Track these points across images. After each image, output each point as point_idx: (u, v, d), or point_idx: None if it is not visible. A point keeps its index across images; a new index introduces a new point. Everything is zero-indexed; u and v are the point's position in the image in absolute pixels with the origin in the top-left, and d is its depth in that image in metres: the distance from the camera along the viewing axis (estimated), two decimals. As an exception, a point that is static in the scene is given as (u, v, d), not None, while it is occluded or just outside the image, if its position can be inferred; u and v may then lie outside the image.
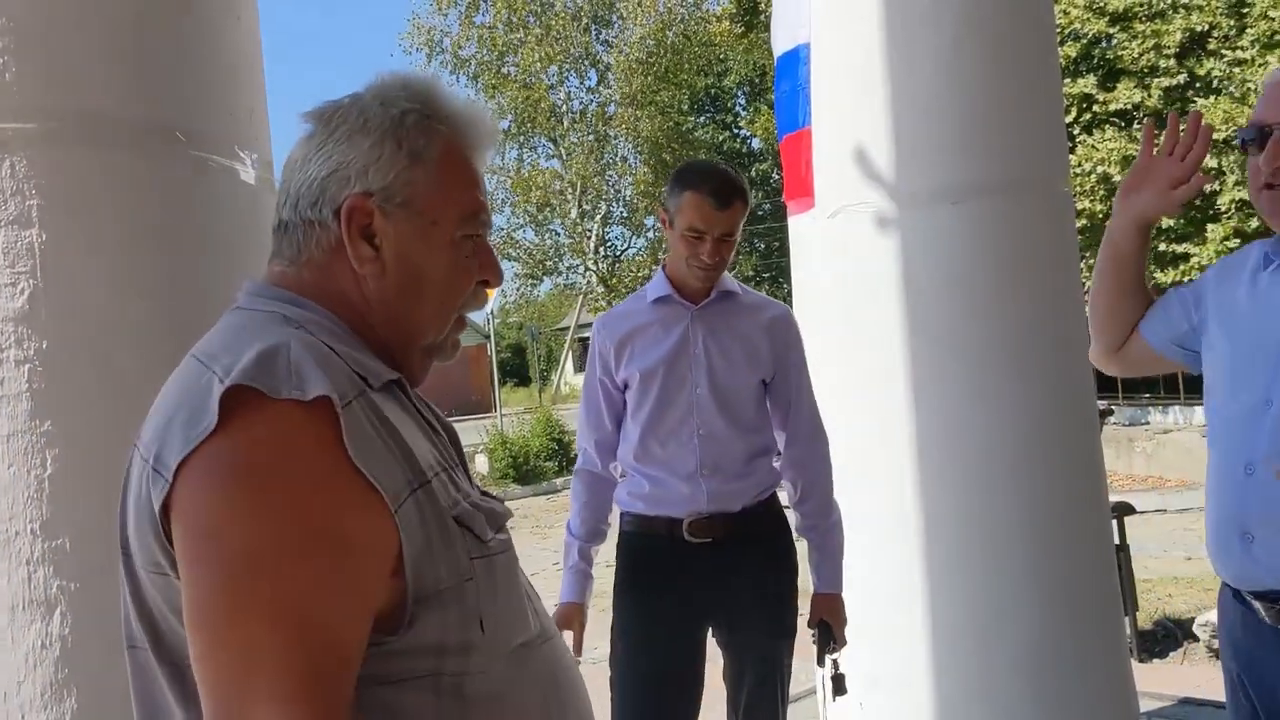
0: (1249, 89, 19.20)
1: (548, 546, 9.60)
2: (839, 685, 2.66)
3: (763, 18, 22.20)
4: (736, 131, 37.18)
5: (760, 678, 2.68)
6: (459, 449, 1.22)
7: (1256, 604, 1.81)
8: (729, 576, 2.65)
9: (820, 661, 2.69)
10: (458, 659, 1.04)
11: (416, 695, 1.03)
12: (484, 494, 1.18)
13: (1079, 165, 20.30)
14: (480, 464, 19.79)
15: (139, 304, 1.55)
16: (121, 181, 1.60)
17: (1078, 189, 20.41)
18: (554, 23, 25.91)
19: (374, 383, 1.06)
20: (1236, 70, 19.61)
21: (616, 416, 2.79)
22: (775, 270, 32.75)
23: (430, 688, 1.04)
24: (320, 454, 0.96)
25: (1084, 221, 20.84)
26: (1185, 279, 20.75)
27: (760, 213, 35.98)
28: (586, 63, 27.61)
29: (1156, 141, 2.02)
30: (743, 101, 37.27)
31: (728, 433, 2.65)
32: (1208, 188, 19.29)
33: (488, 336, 25.12)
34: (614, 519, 2.84)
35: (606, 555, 2.85)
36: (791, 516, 2.77)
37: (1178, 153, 1.97)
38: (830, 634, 2.69)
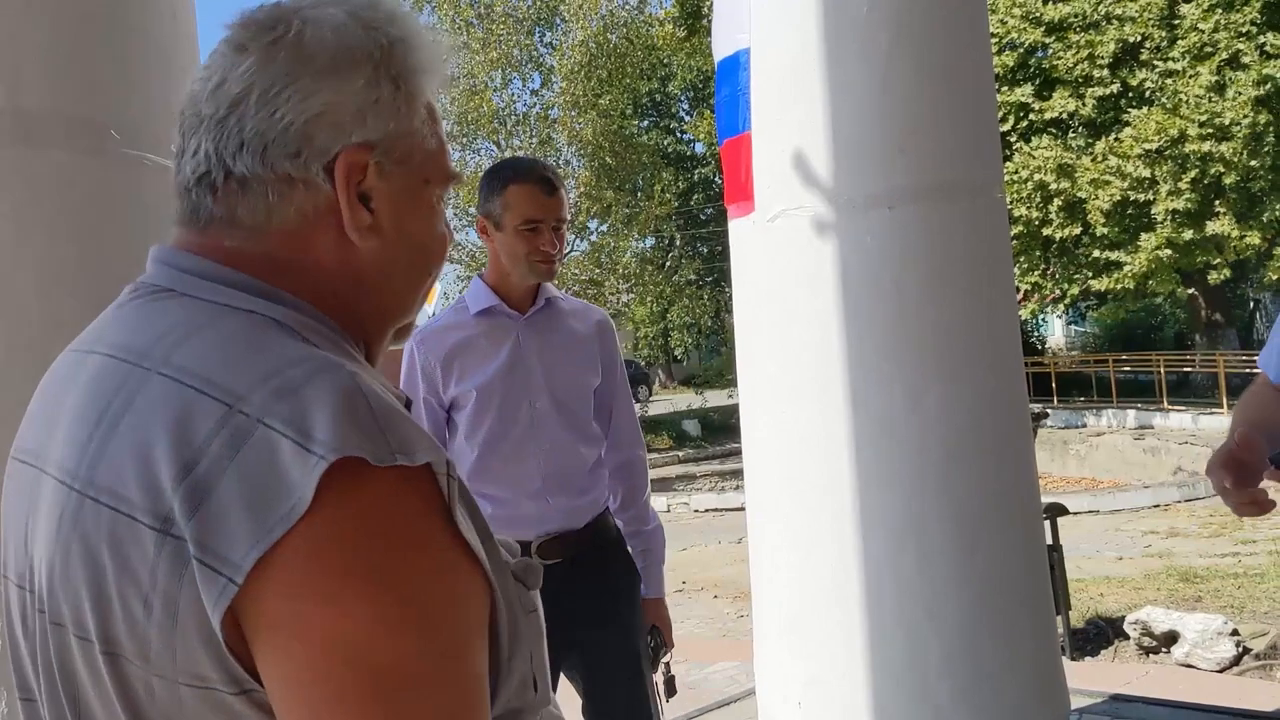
0: (1180, 99, 19.61)
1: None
2: (670, 687, 2.69)
3: (705, 22, 22.29)
4: (680, 135, 37.29)
5: (633, 697, 2.65)
6: None
7: None
8: (581, 598, 2.58)
9: (654, 666, 2.69)
10: None
11: None
12: None
13: (1016, 173, 20.63)
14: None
15: (70, 303, 1.53)
16: (54, 179, 1.57)
17: (1015, 196, 20.73)
18: (496, 27, 25.79)
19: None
20: (1168, 81, 20.02)
21: (441, 438, 2.66)
22: (717, 274, 32.89)
23: None
24: (440, 533, 0.78)
25: (1020, 228, 21.21)
26: (1118, 286, 21.15)
27: (703, 217, 36.11)
28: (530, 66, 27.54)
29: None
30: (686, 106, 37.39)
31: (570, 445, 2.58)
32: (1141, 196, 19.70)
33: (429, 339, 24.97)
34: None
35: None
36: None
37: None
38: (659, 638, 2.69)
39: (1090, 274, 21.90)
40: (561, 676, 2.69)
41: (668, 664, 2.70)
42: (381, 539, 0.75)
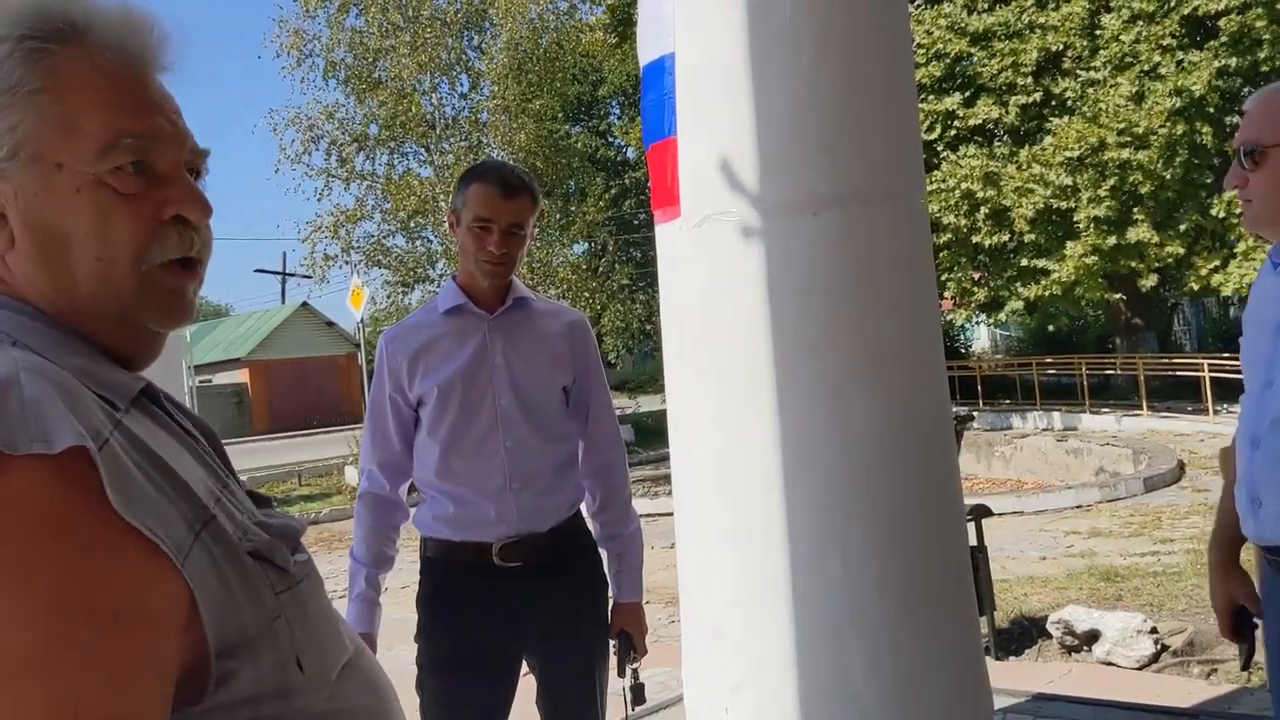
0: (1100, 109, 20.04)
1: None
2: (638, 695, 2.68)
3: (635, 29, 22.30)
4: (611, 140, 37.32)
5: (581, 704, 2.66)
6: (222, 452, 1.02)
7: (1268, 557, 2.20)
8: (542, 602, 2.59)
9: (621, 672, 2.69)
10: (275, 704, 0.90)
11: None
12: (265, 508, 1.00)
13: (944, 180, 20.94)
14: (349, 475, 19.43)
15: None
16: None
17: (943, 204, 21.03)
18: (423, 30, 25.56)
19: (121, 403, 0.88)
20: (1090, 90, 20.44)
21: (407, 436, 2.66)
22: (650, 279, 32.96)
23: None
24: (82, 518, 0.78)
25: (949, 235, 21.54)
26: (1046, 294, 21.54)
27: (636, 221, 36.19)
28: (459, 69, 27.35)
29: None
30: (617, 111, 37.45)
31: (536, 443, 2.59)
32: (1064, 204, 20.07)
33: (358, 345, 24.69)
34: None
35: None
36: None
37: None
38: (631, 643, 2.69)
39: (1019, 283, 22.27)
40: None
41: (636, 670, 2.69)
42: (12, 527, 0.75)
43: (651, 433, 24.24)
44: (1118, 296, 23.02)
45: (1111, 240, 20.22)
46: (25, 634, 0.74)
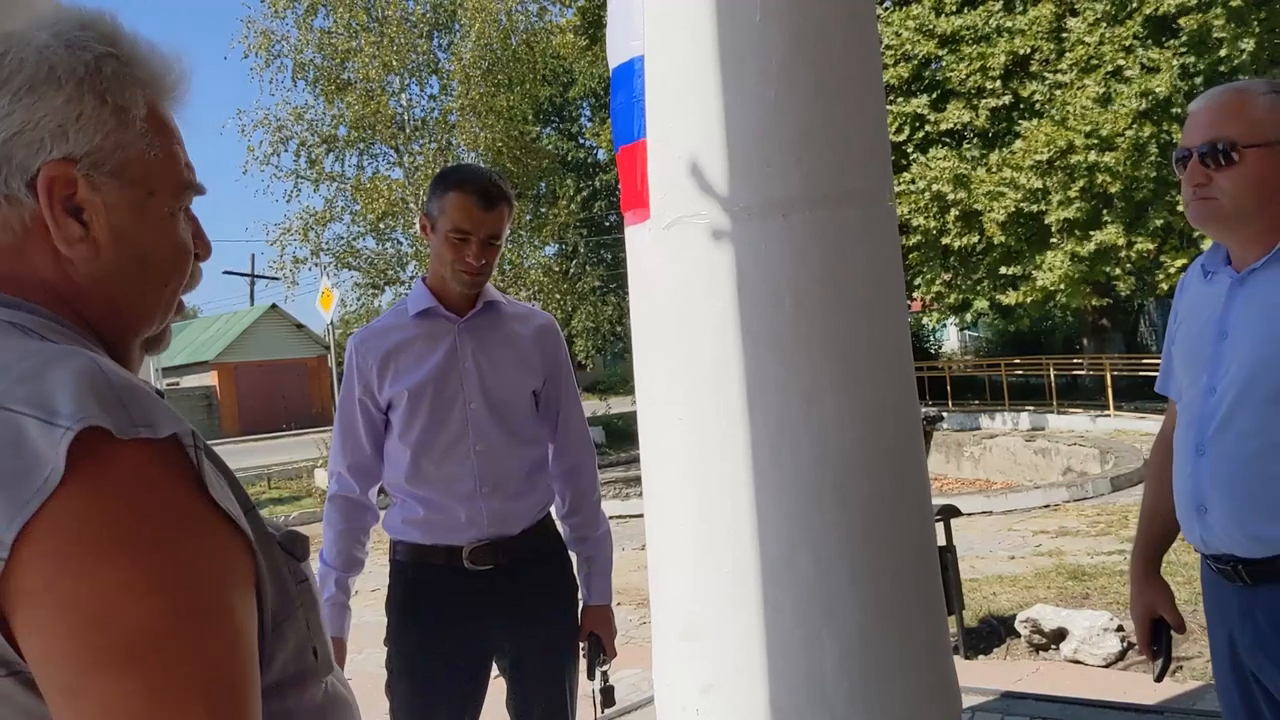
0: (1068, 111, 20.20)
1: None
2: (608, 697, 2.68)
3: (606, 31, 22.31)
4: (582, 142, 37.31)
5: (551, 706, 2.66)
6: None
7: (1213, 565, 2.20)
8: (512, 605, 2.59)
9: (590, 675, 2.69)
10: (296, 694, 0.94)
11: None
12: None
13: (913, 183, 21.05)
14: (319, 478, 19.32)
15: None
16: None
17: (913, 206, 21.15)
18: (391, 30, 25.44)
19: None
20: (1058, 93, 20.59)
21: (377, 439, 2.65)
22: (621, 280, 32.97)
23: None
24: (188, 498, 0.82)
25: (919, 237, 21.65)
26: (1028, 300, 21.67)
27: (607, 223, 36.20)
28: (427, 70, 27.24)
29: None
30: (588, 113, 37.45)
31: (505, 447, 2.59)
32: (1034, 207, 20.16)
33: (328, 348, 24.53)
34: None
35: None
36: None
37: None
38: (601, 646, 2.70)
39: (991, 286, 22.39)
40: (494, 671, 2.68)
41: (605, 673, 2.69)
42: (128, 507, 0.78)
43: (622, 434, 24.24)
44: (1104, 301, 23.18)
45: (1089, 246, 20.34)
46: (153, 608, 0.77)
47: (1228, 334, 2.12)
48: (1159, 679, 2.60)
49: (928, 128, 21.83)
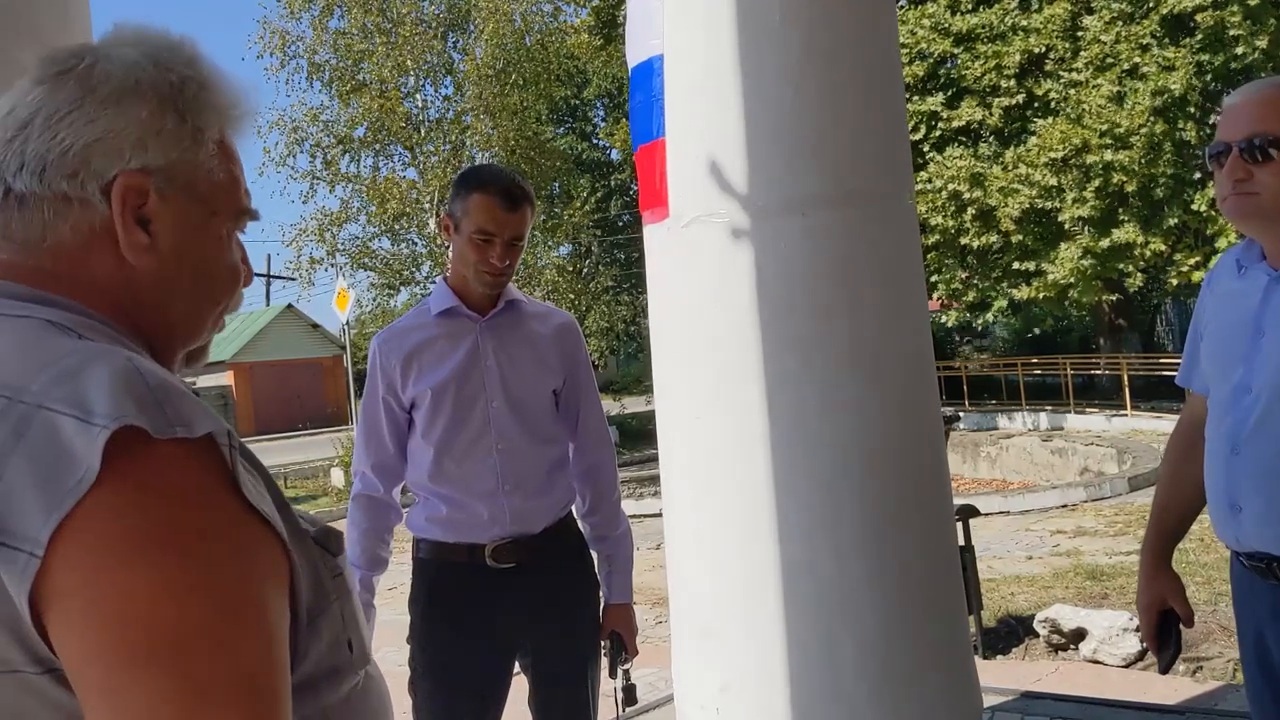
0: (1083, 110, 20.11)
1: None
2: (630, 696, 2.69)
3: (620, 31, 22.33)
4: (596, 142, 37.31)
5: (573, 705, 2.66)
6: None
7: (1246, 562, 2.17)
8: (535, 603, 2.59)
9: (613, 673, 2.69)
10: (331, 688, 0.94)
11: None
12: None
13: (930, 182, 20.96)
14: (335, 478, 19.38)
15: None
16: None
17: (930, 205, 21.06)
18: (405, 31, 25.47)
19: None
20: (1072, 91, 20.50)
21: (400, 438, 2.66)
22: (635, 280, 32.97)
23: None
24: (224, 498, 0.82)
25: (936, 237, 21.56)
26: (1041, 295, 21.58)
27: (621, 223, 36.18)
28: (442, 70, 27.26)
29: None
30: (602, 113, 37.45)
31: (527, 445, 2.59)
32: (1049, 205, 20.05)
33: (344, 347, 24.58)
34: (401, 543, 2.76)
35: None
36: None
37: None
38: (622, 645, 2.70)
39: (1009, 283, 22.30)
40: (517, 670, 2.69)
41: (627, 671, 2.69)
42: (165, 505, 0.78)
43: (636, 434, 24.22)
44: (1114, 296, 23.06)
45: (1105, 241, 20.25)
46: (189, 607, 0.77)
47: (1265, 331, 2.08)
48: (1164, 670, 2.57)
49: (942, 125, 21.76)
